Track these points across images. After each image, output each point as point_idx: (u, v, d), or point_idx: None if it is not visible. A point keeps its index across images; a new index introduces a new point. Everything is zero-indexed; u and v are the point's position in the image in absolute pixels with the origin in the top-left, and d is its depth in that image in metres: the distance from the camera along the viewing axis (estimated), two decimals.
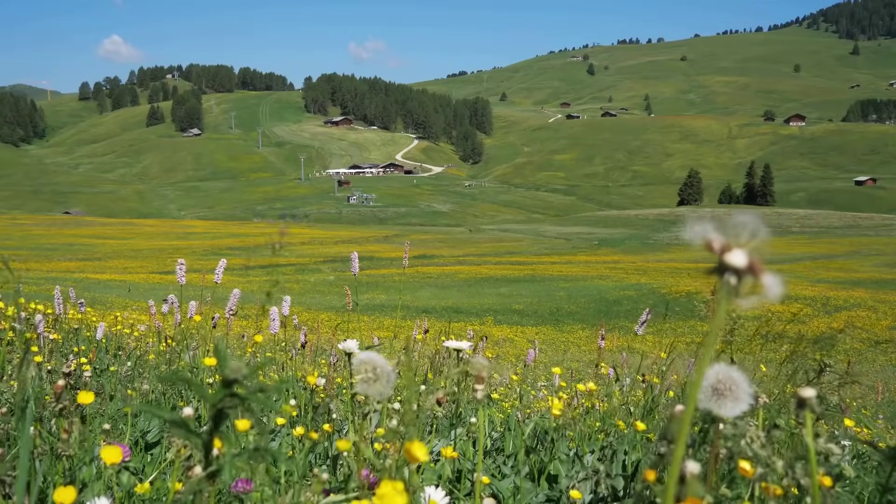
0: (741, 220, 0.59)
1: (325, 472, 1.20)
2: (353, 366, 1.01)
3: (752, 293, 0.59)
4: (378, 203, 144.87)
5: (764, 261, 0.59)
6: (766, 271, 0.59)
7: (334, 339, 7.67)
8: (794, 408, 1.08)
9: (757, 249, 0.59)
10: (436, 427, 2.97)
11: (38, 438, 1.65)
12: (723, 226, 0.60)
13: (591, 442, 2.95)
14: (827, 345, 2.42)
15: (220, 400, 0.77)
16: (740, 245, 0.59)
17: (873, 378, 15.15)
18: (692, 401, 0.65)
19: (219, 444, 0.83)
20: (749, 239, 0.59)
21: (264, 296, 2.16)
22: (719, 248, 0.59)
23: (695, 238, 0.60)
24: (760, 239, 0.59)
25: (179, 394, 3.38)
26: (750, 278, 0.59)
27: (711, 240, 0.60)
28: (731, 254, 0.59)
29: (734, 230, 0.59)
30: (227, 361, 0.78)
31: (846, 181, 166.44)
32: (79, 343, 4.91)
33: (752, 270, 0.59)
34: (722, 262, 0.59)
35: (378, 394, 0.98)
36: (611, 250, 68.81)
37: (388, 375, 1.00)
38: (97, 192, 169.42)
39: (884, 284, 37.41)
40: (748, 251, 0.59)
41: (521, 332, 26.17)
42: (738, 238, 0.59)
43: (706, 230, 0.60)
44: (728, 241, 0.59)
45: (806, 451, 1.14)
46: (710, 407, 0.83)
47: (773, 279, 0.59)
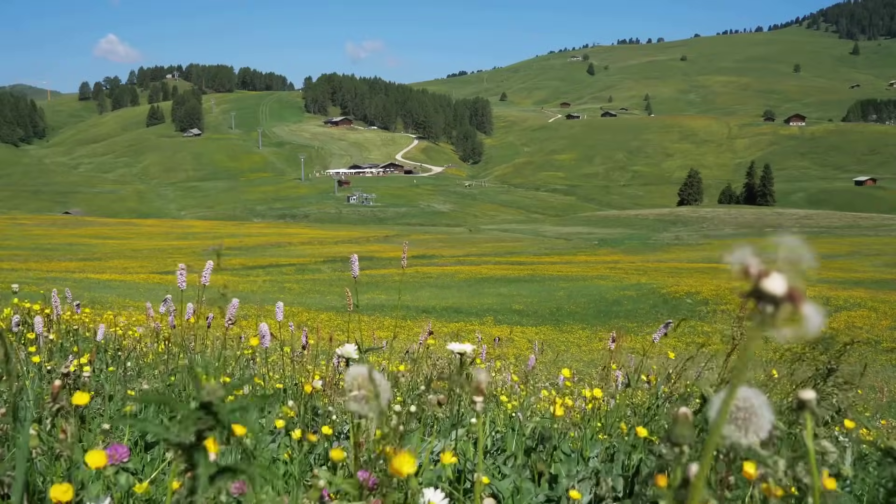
0: (784, 243, 0.54)
1: (325, 474, 1.19)
2: (345, 382, 0.97)
3: (789, 324, 0.53)
4: (378, 203, 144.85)
5: (804, 288, 0.53)
6: (806, 300, 0.54)
7: (334, 339, 7.65)
8: (794, 409, 1.07)
9: (799, 276, 0.53)
10: (437, 428, 2.96)
11: (37, 439, 1.64)
12: (764, 249, 0.55)
13: (593, 442, 2.95)
14: (829, 347, 2.41)
15: (196, 422, 0.78)
16: (780, 270, 0.53)
17: (873, 378, 15.15)
18: (717, 430, 0.60)
19: (213, 447, 0.82)
20: (791, 264, 0.53)
21: (263, 296, 2.15)
22: (756, 273, 0.54)
23: (734, 263, 0.55)
24: (804, 264, 0.53)
25: (179, 394, 3.37)
26: (788, 307, 0.53)
27: (749, 264, 0.54)
28: (768, 279, 0.53)
29: (775, 253, 0.54)
30: (202, 383, 0.79)
31: (846, 181, 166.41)
32: (78, 343, 4.90)
33: (792, 299, 0.53)
34: (758, 289, 0.54)
35: (372, 413, 0.94)
36: (611, 250, 68.81)
37: (382, 391, 0.96)
38: (97, 192, 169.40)
39: (884, 284, 37.41)
40: (788, 277, 0.53)
41: (521, 332, 26.17)
42: (779, 262, 0.54)
43: (745, 254, 0.55)
44: (766, 266, 0.54)
45: (805, 451, 1.13)
46: (731, 433, 0.80)
47: (813, 310, 0.54)
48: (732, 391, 0.60)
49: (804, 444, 1.16)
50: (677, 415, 0.88)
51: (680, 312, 28.92)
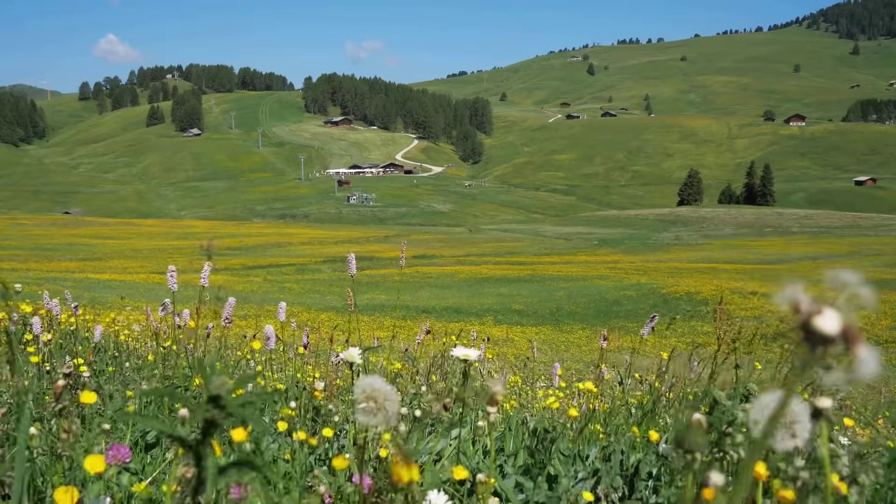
0: (841, 279, 0.49)
1: (325, 476, 1.19)
2: (355, 393, 0.97)
3: (841, 366, 0.49)
4: (378, 203, 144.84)
5: (860, 329, 0.49)
6: (862, 341, 0.49)
7: (334, 339, 7.64)
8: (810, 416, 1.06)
9: (855, 315, 0.49)
10: (438, 429, 2.96)
11: (38, 439, 1.65)
12: (818, 285, 0.50)
13: (592, 442, 2.95)
14: None
15: (205, 415, 0.79)
16: (835, 307, 0.49)
17: (873, 378, 15.14)
18: (761, 447, 0.56)
19: (219, 450, 0.83)
20: (847, 301, 0.49)
21: (263, 296, 2.16)
22: (808, 311, 0.49)
23: (784, 301, 0.50)
24: (862, 302, 0.49)
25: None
26: (841, 347, 0.49)
27: (800, 301, 0.50)
28: (821, 316, 0.49)
29: (831, 289, 0.49)
30: (211, 377, 0.80)
31: (846, 181, 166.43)
32: (77, 344, 4.90)
33: (846, 339, 0.49)
34: (807, 325, 0.49)
35: (381, 424, 0.94)
36: (611, 250, 68.81)
37: (391, 403, 0.95)
38: (97, 192, 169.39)
39: (884, 284, 37.40)
40: (843, 316, 0.49)
41: (521, 332, 26.16)
42: (834, 300, 0.49)
43: (796, 290, 0.50)
44: (819, 304, 0.49)
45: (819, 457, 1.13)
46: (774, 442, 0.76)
47: (868, 353, 0.49)
48: (785, 403, 0.55)
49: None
50: (691, 421, 0.86)
51: (680, 312, 28.94)
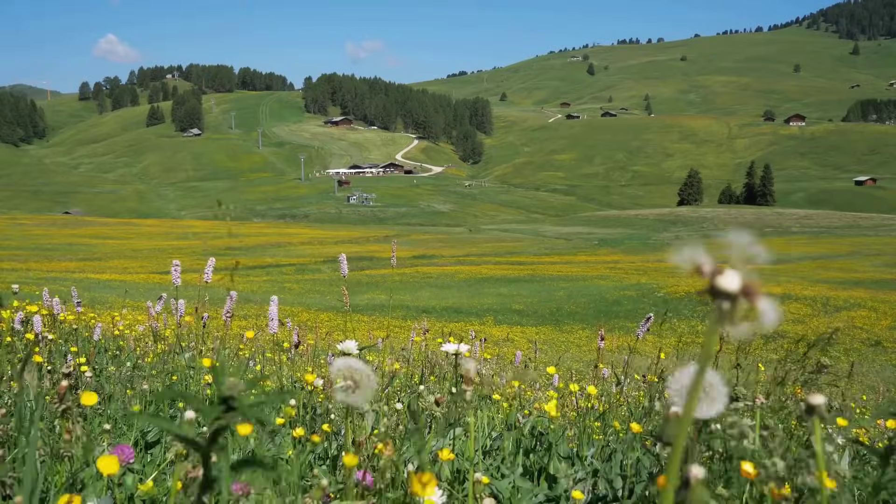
0: (735, 239, 0.54)
1: (325, 474, 1.21)
2: (331, 373, 0.99)
3: (745, 319, 0.54)
4: (378, 203, 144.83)
5: (759, 284, 0.54)
6: (761, 296, 0.54)
7: (332, 339, 7.67)
8: (802, 413, 1.08)
9: (752, 271, 0.54)
10: (433, 427, 2.97)
11: (40, 440, 1.66)
12: (714, 246, 0.55)
13: (590, 442, 2.96)
14: (826, 345, 2.41)
15: (218, 415, 0.79)
16: (734, 267, 0.54)
17: (873, 378, 15.16)
18: (688, 410, 0.60)
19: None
20: (744, 259, 0.54)
21: (263, 296, 2.17)
22: (710, 272, 0.54)
23: (683, 262, 0.55)
24: (757, 259, 0.54)
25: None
26: (744, 303, 0.54)
27: (701, 263, 0.54)
28: (723, 277, 0.54)
29: (727, 250, 0.54)
30: (223, 378, 0.80)
31: (846, 181, 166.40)
32: (78, 343, 4.92)
33: (747, 295, 0.54)
34: (713, 286, 0.54)
35: (358, 402, 0.96)
36: (611, 250, 68.80)
37: (368, 383, 0.97)
38: (97, 192, 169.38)
39: (884, 284, 37.40)
40: (742, 273, 0.54)
41: (521, 332, 26.17)
42: (732, 258, 0.54)
43: (695, 253, 0.55)
44: (720, 264, 0.54)
45: (810, 452, 1.15)
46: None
47: (768, 305, 0.54)
48: (700, 372, 0.59)
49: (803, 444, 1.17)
50: (668, 414, 0.89)
51: (680, 312, 28.94)
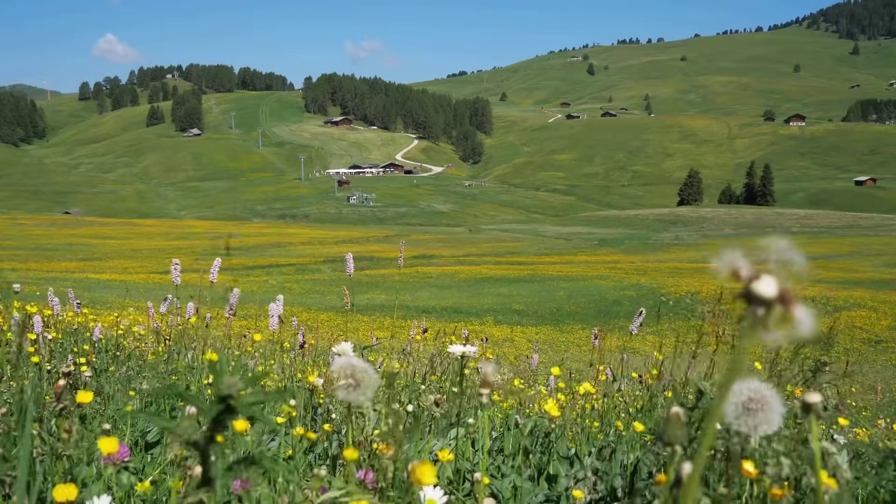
0: (774, 245, 0.53)
1: (325, 471, 1.21)
2: (332, 371, 0.99)
3: (780, 327, 0.53)
4: (378, 203, 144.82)
5: (797, 293, 0.52)
6: (798, 303, 0.53)
7: (333, 338, 7.67)
8: (798, 411, 1.07)
9: (790, 278, 0.53)
10: (434, 428, 2.97)
11: (38, 439, 1.66)
12: (754, 252, 0.54)
13: (590, 441, 2.96)
14: (827, 345, 2.41)
15: (217, 414, 0.80)
16: (771, 272, 0.53)
17: (873, 378, 15.17)
18: (714, 418, 0.59)
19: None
20: (782, 266, 0.53)
21: (263, 296, 2.17)
22: (747, 276, 0.53)
23: (723, 267, 0.54)
24: (795, 267, 0.53)
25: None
26: (779, 310, 0.53)
27: (739, 267, 0.54)
28: (759, 282, 0.53)
29: (765, 257, 0.53)
30: (222, 377, 0.80)
31: (846, 181, 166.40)
32: (78, 343, 4.91)
33: (783, 301, 0.53)
34: (749, 291, 0.53)
35: (359, 400, 0.96)
36: (611, 250, 68.80)
37: (368, 380, 0.97)
38: (97, 192, 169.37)
39: (884, 284, 37.41)
40: (779, 280, 0.53)
41: (521, 332, 26.18)
42: (769, 264, 0.53)
43: (735, 257, 0.54)
44: (757, 269, 0.53)
45: (810, 452, 1.14)
46: (739, 424, 0.78)
47: (804, 313, 0.53)
48: (730, 378, 0.59)
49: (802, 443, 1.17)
50: (669, 414, 0.89)
51: (680, 312, 28.94)
